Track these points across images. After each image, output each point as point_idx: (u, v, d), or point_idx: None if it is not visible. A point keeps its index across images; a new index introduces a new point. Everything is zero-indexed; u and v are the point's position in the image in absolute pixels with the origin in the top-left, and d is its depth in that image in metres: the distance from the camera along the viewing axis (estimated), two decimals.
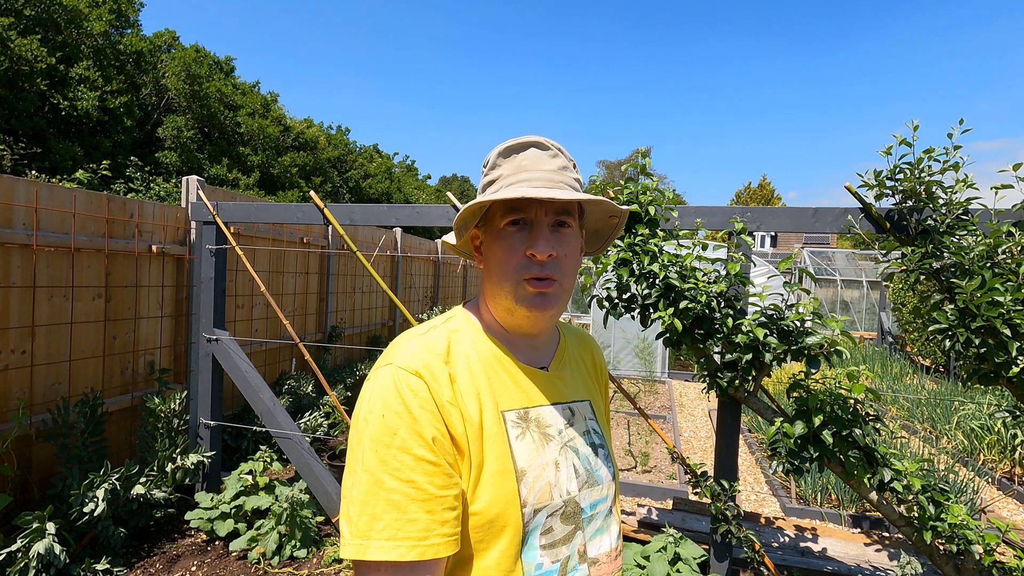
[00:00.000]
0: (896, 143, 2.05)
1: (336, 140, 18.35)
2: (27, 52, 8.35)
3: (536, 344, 0.89)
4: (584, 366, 0.98)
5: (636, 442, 5.12)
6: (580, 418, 0.88)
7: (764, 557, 2.40)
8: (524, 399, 0.82)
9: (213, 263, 3.43)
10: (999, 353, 1.82)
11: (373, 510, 0.68)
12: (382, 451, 0.70)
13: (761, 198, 40.40)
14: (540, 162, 0.82)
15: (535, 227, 0.80)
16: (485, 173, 0.86)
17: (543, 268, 0.79)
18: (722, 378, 2.25)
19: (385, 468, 0.69)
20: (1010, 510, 3.98)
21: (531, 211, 0.80)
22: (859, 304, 13.28)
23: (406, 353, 0.77)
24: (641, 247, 2.24)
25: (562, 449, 0.83)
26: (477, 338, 0.84)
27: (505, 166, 0.83)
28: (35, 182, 2.93)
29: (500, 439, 0.77)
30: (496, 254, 0.82)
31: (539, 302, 0.80)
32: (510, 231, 0.80)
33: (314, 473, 3.16)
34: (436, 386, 0.75)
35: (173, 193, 8.28)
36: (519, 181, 0.80)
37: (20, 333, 2.85)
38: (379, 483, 0.69)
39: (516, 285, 0.80)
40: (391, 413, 0.72)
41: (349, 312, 6.70)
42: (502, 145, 0.85)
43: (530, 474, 0.77)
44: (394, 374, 0.75)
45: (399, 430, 0.71)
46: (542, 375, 0.87)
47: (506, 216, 0.80)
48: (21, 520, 2.41)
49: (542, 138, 0.84)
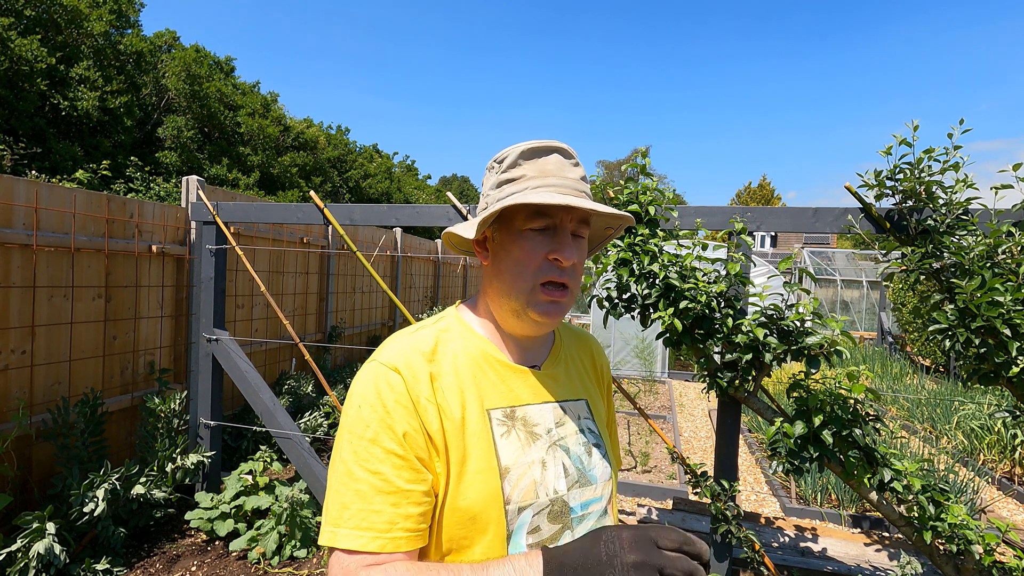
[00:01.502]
0: (896, 143, 2.05)
1: (336, 140, 18.35)
2: (27, 52, 8.34)
3: (529, 344, 0.90)
4: (582, 365, 0.98)
5: (636, 442, 5.12)
6: (573, 417, 0.88)
7: (764, 557, 2.40)
8: (511, 398, 0.83)
9: (213, 263, 3.43)
10: (999, 353, 1.82)
11: (343, 499, 0.72)
12: (355, 442, 0.74)
13: (761, 198, 40.41)
14: (564, 169, 0.83)
15: (560, 232, 0.81)
16: (502, 170, 0.84)
17: (563, 274, 0.81)
18: (722, 378, 2.25)
19: (356, 459, 0.73)
20: (1010, 510, 3.98)
21: (557, 217, 0.80)
22: (859, 304, 13.28)
23: (390, 350, 0.80)
24: (641, 247, 2.24)
25: (551, 448, 0.83)
26: (467, 338, 0.85)
27: (528, 167, 0.82)
28: (35, 182, 2.93)
29: (485, 436, 0.78)
30: (514, 254, 0.82)
31: (551, 310, 0.82)
32: (532, 233, 0.81)
33: (314, 473, 3.16)
34: (414, 383, 0.77)
35: (173, 193, 8.28)
36: (546, 186, 0.80)
37: (20, 333, 2.85)
38: (350, 473, 0.73)
39: (531, 290, 0.81)
40: (367, 406, 0.75)
41: (349, 312, 6.70)
42: (524, 145, 0.84)
43: (514, 472, 0.78)
44: (375, 370, 0.78)
45: (372, 423, 0.74)
46: (533, 374, 0.87)
47: (531, 219, 0.80)
48: (21, 520, 2.41)
49: (565, 145, 0.85)
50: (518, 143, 0.85)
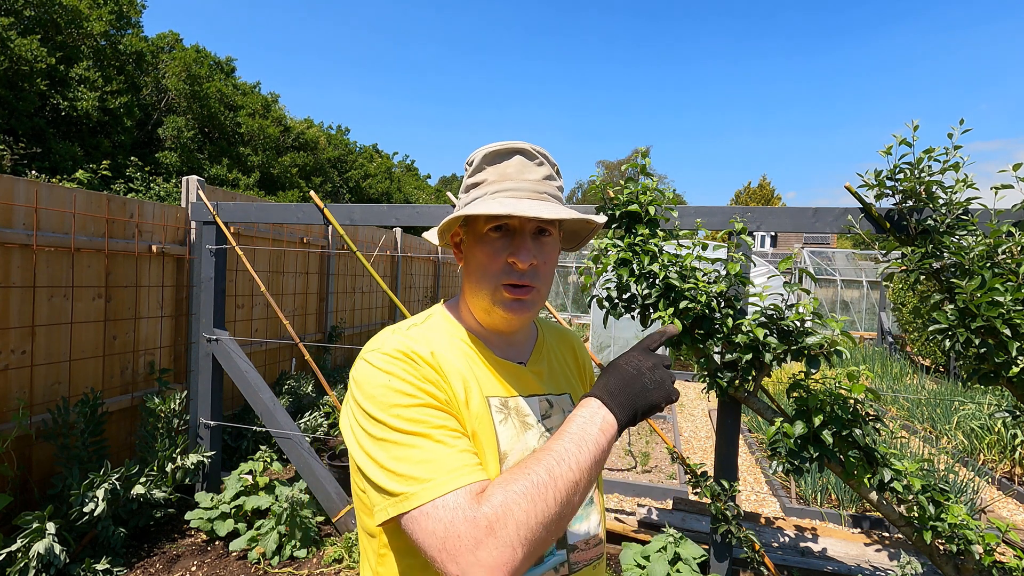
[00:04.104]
0: (896, 143, 2.05)
1: (336, 140, 18.35)
2: (27, 52, 8.34)
3: (513, 340, 0.93)
4: (565, 361, 1.02)
5: (636, 442, 5.12)
6: (558, 410, 0.91)
7: (764, 557, 2.40)
8: (504, 389, 0.86)
9: (213, 263, 3.43)
10: (999, 353, 1.82)
11: (420, 459, 0.70)
12: (404, 411, 0.73)
13: (761, 198, 40.40)
14: (525, 171, 0.85)
15: (517, 236, 0.83)
16: (469, 174, 0.88)
17: (522, 276, 0.83)
18: (722, 378, 2.25)
19: (414, 424, 0.72)
20: (1010, 510, 3.98)
21: (514, 220, 0.83)
22: (859, 304, 13.28)
23: (392, 341, 0.81)
24: (641, 247, 2.24)
25: (540, 438, 0.86)
26: (455, 334, 0.88)
27: (490, 172, 0.85)
28: (35, 182, 2.93)
29: (487, 421, 0.81)
30: (478, 257, 0.85)
31: (516, 307, 0.84)
32: (492, 237, 0.84)
33: (314, 473, 3.16)
34: (424, 364, 0.78)
35: (173, 193, 8.28)
36: (504, 191, 0.83)
37: (20, 333, 2.85)
38: (412, 437, 0.71)
39: (494, 290, 0.84)
40: (397, 379, 0.75)
41: (349, 312, 6.70)
42: (487, 148, 0.87)
43: (511, 458, 0.81)
44: (386, 355, 0.78)
45: (411, 392, 0.74)
46: (519, 369, 0.90)
47: (489, 222, 0.83)
48: (21, 520, 2.41)
49: (528, 145, 0.86)
50: (486, 144, 0.88)
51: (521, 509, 0.63)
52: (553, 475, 0.66)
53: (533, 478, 0.65)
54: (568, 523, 0.68)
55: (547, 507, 0.64)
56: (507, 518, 0.62)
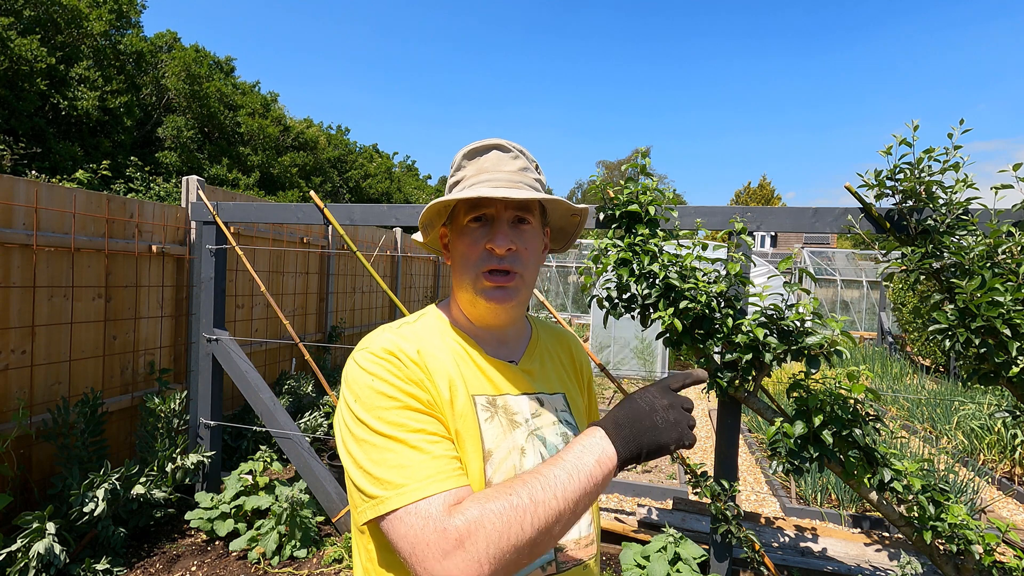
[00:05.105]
0: (896, 143, 2.05)
1: (336, 140, 18.36)
2: (27, 52, 8.34)
3: (504, 338, 0.94)
4: (560, 361, 1.02)
5: None
6: (550, 409, 0.92)
7: (764, 557, 2.40)
8: (492, 387, 0.87)
9: (213, 263, 3.43)
10: (999, 353, 1.82)
11: (397, 463, 0.73)
12: (385, 413, 0.75)
13: (761, 198, 40.41)
14: (501, 163, 0.88)
15: (495, 223, 0.85)
16: (452, 174, 0.92)
17: (501, 261, 0.85)
18: (722, 378, 2.25)
19: (395, 427, 0.74)
20: (1010, 510, 3.98)
21: (492, 208, 0.85)
22: (859, 304, 13.28)
23: (380, 340, 0.83)
24: (641, 247, 2.24)
25: (529, 436, 0.86)
26: (447, 333, 0.90)
27: (469, 167, 0.89)
28: (35, 182, 2.93)
29: (471, 419, 0.82)
30: (459, 248, 0.88)
31: (497, 295, 0.86)
32: (472, 227, 0.86)
33: (314, 473, 3.16)
34: (411, 365, 0.79)
35: (173, 193, 8.28)
36: (480, 182, 0.86)
37: (20, 333, 2.85)
38: (390, 441, 0.74)
39: (476, 278, 0.85)
40: (380, 381, 0.77)
41: (349, 312, 6.70)
42: (467, 148, 0.91)
43: (496, 456, 0.82)
44: (374, 354, 0.80)
45: (393, 393, 0.76)
46: (511, 368, 0.91)
47: (469, 213, 0.86)
48: (21, 520, 2.41)
49: (504, 140, 0.89)
50: (467, 143, 0.91)
51: (494, 528, 0.63)
52: (535, 500, 0.66)
53: (514, 500, 0.66)
54: (547, 550, 0.68)
55: (522, 531, 0.64)
56: (478, 534, 0.63)
